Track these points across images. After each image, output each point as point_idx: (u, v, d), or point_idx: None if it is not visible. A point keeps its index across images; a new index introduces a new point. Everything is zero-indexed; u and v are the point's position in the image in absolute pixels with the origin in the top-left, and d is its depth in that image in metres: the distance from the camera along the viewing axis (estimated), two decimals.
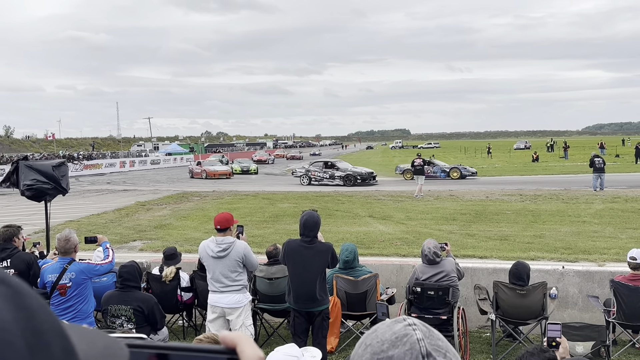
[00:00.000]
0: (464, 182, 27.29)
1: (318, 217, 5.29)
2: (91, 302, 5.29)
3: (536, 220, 13.70)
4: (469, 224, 13.43)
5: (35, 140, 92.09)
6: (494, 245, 10.40)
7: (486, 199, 18.65)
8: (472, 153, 69.93)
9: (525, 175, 31.18)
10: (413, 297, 6.10)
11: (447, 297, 5.97)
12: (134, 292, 5.34)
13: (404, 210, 16.25)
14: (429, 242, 6.24)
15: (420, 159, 22.17)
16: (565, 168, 36.37)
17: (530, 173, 33.08)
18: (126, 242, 11.90)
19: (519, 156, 56.98)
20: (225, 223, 5.33)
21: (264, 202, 19.06)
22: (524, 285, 6.10)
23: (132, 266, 5.50)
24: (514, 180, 27.51)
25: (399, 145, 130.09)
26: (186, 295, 6.92)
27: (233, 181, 32.36)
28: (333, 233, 11.99)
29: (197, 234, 12.43)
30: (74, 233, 5.28)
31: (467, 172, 30.17)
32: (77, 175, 40.20)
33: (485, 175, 32.59)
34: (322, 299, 5.24)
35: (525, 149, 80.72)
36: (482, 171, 36.33)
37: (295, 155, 71.22)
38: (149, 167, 54.02)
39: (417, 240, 10.86)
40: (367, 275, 6.36)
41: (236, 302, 5.33)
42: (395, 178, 31.38)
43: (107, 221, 15.13)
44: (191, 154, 68.12)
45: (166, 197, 21.76)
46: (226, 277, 5.28)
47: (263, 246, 10.01)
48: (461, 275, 6.34)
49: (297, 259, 5.22)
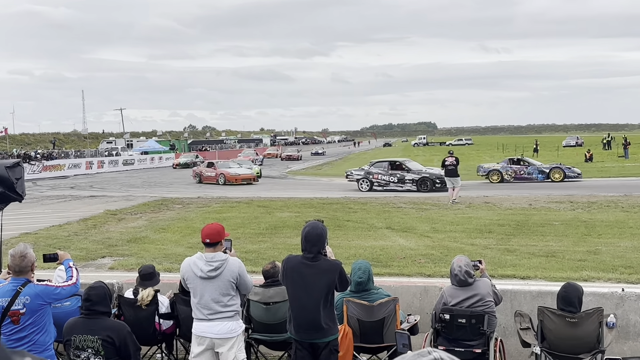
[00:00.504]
0: (526, 187, 27.20)
1: (323, 229, 5.28)
2: (50, 332, 5.29)
3: (590, 232, 13.65)
4: (508, 237, 13.39)
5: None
6: (538, 264, 10.36)
7: (529, 207, 18.59)
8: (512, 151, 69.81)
9: None
10: (440, 325, 6.08)
11: (482, 326, 5.94)
12: (102, 319, 5.35)
13: (429, 220, 16.24)
14: (460, 259, 6.21)
15: (453, 157, 21.95)
16: (626, 169, 36.22)
17: (582, 175, 32.93)
18: (93, 259, 11.93)
19: (569, 155, 56.78)
20: (216, 236, 5.33)
21: (259, 211, 19.09)
22: (575, 311, 6.07)
23: (101, 287, 5.51)
24: (563, 185, 27.45)
25: (423, 141, 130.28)
26: (166, 324, 6.92)
27: (261, 186, 31.71)
28: (343, 248, 11.98)
29: (179, 249, 12.46)
30: (31, 248, 5.30)
31: (572, 174, 29.34)
32: (34, 178, 40.43)
33: None
34: (329, 328, 5.23)
35: (577, 146, 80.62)
36: None
37: (292, 155, 67.79)
38: (121, 168, 54.32)
39: (446, 257, 10.83)
40: (384, 299, 6.35)
41: (228, 331, 5.32)
42: (477, 181, 30.84)
43: (71, 234, 15.18)
44: (172, 152, 68.44)
45: (142, 205, 21.83)
46: (217, 301, 5.28)
47: (258, 264, 10.03)
48: (499, 299, 6.31)
49: (296, 279, 5.21)
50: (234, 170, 34.46)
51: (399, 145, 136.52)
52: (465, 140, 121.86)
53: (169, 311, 6.91)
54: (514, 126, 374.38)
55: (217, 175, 33.43)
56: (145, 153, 66.28)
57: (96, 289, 5.46)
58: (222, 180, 33.01)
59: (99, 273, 10.45)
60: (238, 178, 33.06)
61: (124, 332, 5.34)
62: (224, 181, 32.92)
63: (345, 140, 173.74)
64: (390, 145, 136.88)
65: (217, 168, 34.49)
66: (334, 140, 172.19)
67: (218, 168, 34.49)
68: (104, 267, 11.25)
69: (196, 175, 35.44)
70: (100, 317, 5.33)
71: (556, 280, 8.64)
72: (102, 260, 11.82)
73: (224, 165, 35.65)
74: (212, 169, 34.54)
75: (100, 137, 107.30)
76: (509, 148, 75.83)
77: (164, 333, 6.94)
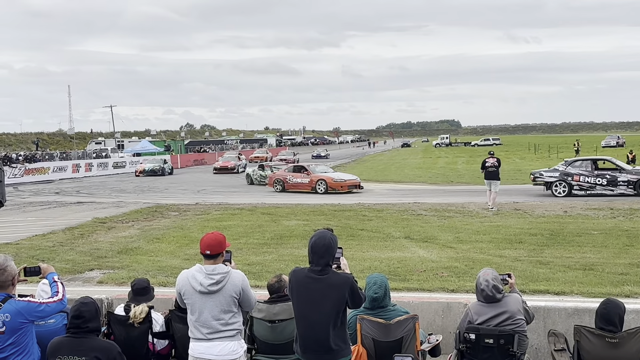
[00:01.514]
0: (530, 193, 27.13)
1: (331, 239, 5.26)
2: (33, 353, 5.31)
3: (632, 243, 13.61)
4: (540, 248, 13.36)
5: None
6: (574, 277, 10.32)
7: (564, 215, 18.54)
8: (545, 152, 69.64)
9: None
10: (465, 346, 6.06)
11: (512, 347, 5.93)
12: (91, 338, 5.36)
13: (453, 229, 16.22)
14: (487, 272, 6.20)
15: (494, 158, 22.44)
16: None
17: None
18: (80, 272, 11.98)
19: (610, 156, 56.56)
20: (218, 247, 5.32)
21: (263, 219, 19.13)
22: (615, 331, 6.04)
23: (92, 303, 5.53)
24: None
25: (446, 141, 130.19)
26: (160, 344, 6.93)
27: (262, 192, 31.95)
28: (357, 260, 11.97)
29: (175, 261, 12.50)
30: (11, 261, 5.32)
31: None
32: (15, 182, 40.71)
33: None
34: (340, 349, 5.22)
35: (618, 146, 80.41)
36: None
37: (288, 159, 60.70)
38: (111, 171, 54.68)
39: (471, 270, 10.83)
40: (402, 317, 6.34)
41: (230, 352, 5.32)
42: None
43: (56, 244, 15.25)
44: (167, 153, 68.67)
45: (134, 212, 21.93)
46: (217, 319, 5.28)
47: (263, 278, 10.06)
48: (530, 317, 6.29)
49: (303, 294, 5.20)
50: (338, 175, 32.78)
51: (419, 146, 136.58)
52: (493, 140, 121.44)
53: (163, 330, 6.92)
54: (547, 124, 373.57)
55: (314, 182, 31.14)
56: (137, 155, 66.60)
57: (88, 304, 5.47)
58: (323, 188, 30.81)
59: (86, 287, 10.50)
60: (344, 185, 30.96)
61: (114, 353, 5.36)
62: (325, 189, 30.76)
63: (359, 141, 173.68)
64: (409, 145, 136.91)
65: (312, 173, 32.14)
66: (346, 141, 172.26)
67: (314, 173, 32.17)
68: (92, 280, 11.29)
69: (276, 183, 32.85)
70: (89, 336, 5.34)
71: (594, 296, 8.61)
72: (90, 274, 11.86)
73: (321, 170, 33.40)
74: (305, 174, 32.03)
75: (88, 137, 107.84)
76: (542, 148, 75.69)
77: (158, 354, 6.95)
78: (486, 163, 22.27)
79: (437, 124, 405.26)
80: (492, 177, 21.65)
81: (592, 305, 6.84)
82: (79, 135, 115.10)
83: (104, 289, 10.06)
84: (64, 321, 6.27)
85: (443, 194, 27.90)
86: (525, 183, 31.00)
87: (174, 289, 6.13)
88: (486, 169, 22.15)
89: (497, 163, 22.15)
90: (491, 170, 21.86)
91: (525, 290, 8.98)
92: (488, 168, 22.04)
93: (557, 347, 6.54)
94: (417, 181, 34.77)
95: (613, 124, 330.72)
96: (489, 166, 22.05)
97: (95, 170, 52.93)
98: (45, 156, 62.30)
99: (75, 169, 50.58)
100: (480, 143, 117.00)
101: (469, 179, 36.58)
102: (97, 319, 5.44)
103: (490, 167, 22.01)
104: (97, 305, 5.63)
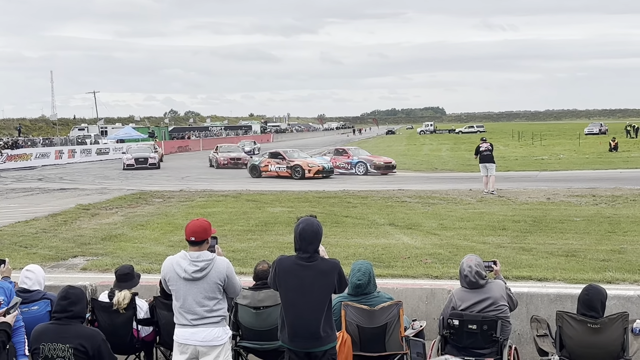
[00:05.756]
0: (513, 179, 27.27)
1: (319, 226, 5.28)
2: None
3: (615, 229, 13.69)
4: (523, 234, 13.42)
5: None
6: (557, 264, 10.39)
7: (547, 202, 18.63)
8: (529, 139, 69.95)
9: (600, 170, 31.16)
10: (449, 332, 6.10)
11: (495, 333, 5.97)
12: (75, 325, 5.34)
13: (437, 216, 16.27)
14: (471, 259, 6.23)
15: (487, 142, 23.05)
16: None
17: (606, 166, 33.03)
18: (64, 259, 11.93)
19: (592, 144, 56.90)
20: (203, 233, 5.33)
21: (248, 206, 19.12)
22: (597, 317, 6.09)
23: (78, 288, 5.52)
24: (585, 176, 27.48)
25: (430, 128, 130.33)
26: (145, 330, 6.93)
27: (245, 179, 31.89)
28: (341, 247, 11.99)
29: (160, 248, 12.48)
30: None
31: None
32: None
33: (546, 169, 32.62)
34: (327, 336, 5.24)
35: (600, 134, 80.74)
36: (543, 164, 36.37)
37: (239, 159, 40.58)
38: (95, 158, 54.26)
39: (455, 256, 10.87)
40: (386, 303, 6.36)
41: (214, 338, 5.33)
42: None
43: (39, 230, 15.17)
44: (151, 140, 68.20)
45: (117, 199, 21.83)
46: (202, 305, 5.29)
47: (247, 264, 10.06)
48: (513, 303, 6.33)
49: (291, 282, 5.20)
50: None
51: (404, 133, 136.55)
52: (477, 127, 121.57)
53: (148, 316, 6.91)
54: (530, 112, 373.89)
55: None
56: (121, 141, 66.04)
57: (75, 288, 5.51)
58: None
59: (70, 274, 10.46)
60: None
61: (98, 340, 5.35)
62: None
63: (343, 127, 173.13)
64: (394, 132, 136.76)
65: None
66: (331, 128, 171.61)
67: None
68: (75, 267, 11.25)
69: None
70: (73, 322, 5.33)
71: (577, 282, 8.66)
72: (74, 260, 11.81)
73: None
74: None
75: (71, 124, 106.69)
76: (526, 136, 75.99)
77: (142, 341, 6.95)
78: (480, 148, 22.73)
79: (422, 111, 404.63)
80: (488, 160, 22.08)
81: (574, 292, 6.89)
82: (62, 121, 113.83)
83: (88, 276, 10.02)
84: (47, 308, 6.26)
85: (427, 181, 27.94)
86: (509, 170, 31.22)
87: (158, 276, 6.12)
88: (481, 153, 22.58)
89: (490, 147, 22.70)
90: (486, 154, 22.30)
91: (508, 276, 9.01)
92: (483, 152, 22.47)
93: (540, 332, 6.59)
94: (402, 168, 34.74)
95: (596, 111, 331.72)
96: (484, 150, 22.50)
97: (79, 156, 52.53)
98: (28, 142, 61.65)
99: (58, 155, 50.18)
100: (465, 130, 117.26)
101: (453, 166, 36.71)
102: (82, 304, 5.44)
103: (484, 151, 22.46)
104: (84, 293, 5.63)
